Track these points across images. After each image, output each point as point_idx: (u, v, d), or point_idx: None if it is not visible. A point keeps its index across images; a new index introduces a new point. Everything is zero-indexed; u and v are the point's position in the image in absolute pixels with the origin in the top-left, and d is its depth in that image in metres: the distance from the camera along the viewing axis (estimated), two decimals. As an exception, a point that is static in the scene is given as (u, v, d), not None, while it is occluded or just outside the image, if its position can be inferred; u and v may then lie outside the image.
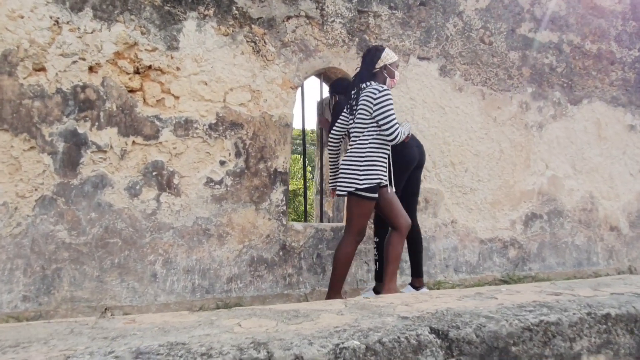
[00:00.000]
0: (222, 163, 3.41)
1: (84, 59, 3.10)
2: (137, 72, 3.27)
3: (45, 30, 3.02)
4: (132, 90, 3.25)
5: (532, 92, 4.48)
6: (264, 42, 3.56)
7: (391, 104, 2.95)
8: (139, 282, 3.14)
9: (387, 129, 2.91)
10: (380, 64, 3.14)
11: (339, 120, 3.28)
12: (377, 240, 3.42)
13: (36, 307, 2.90)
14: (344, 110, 3.26)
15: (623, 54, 4.95)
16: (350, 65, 3.80)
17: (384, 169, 3.02)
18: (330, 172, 3.42)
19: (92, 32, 3.17)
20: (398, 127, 2.92)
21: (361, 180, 2.95)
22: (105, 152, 3.16)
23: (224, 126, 3.42)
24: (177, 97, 3.34)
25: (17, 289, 2.87)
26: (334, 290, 3.03)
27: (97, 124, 3.16)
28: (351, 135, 3.13)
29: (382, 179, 2.99)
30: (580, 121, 4.70)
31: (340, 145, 3.37)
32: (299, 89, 3.70)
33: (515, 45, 4.43)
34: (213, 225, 3.36)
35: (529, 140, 4.45)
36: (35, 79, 2.98)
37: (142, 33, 3.27)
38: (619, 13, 4.94)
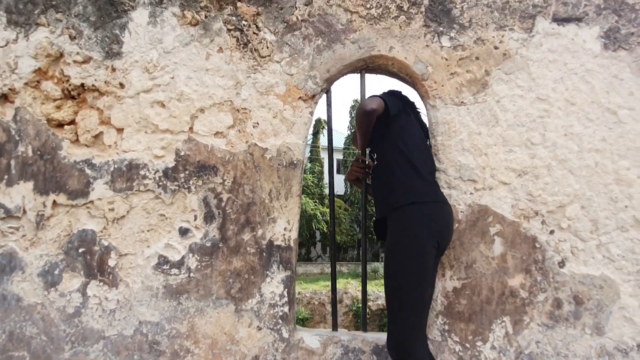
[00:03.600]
0: (184, 232, 2.08)
1: (-24, 85, 2.14)
2: (67, 95, 2.18)
3: None
4: (58, 125, 2.17)
5: None
6: (257, 27, 2.14)
7: None
8: None
9: None
10: None
11: None
12: None
13: None
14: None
15: None
16: (412, 49, 2.11)
17: None
18: None
19: (4, 46, 2.19)
20: None
21: None
22: (17, 218, 2.12)
23: (188, 171, 2.10)
24: (119, 130, 2.14)
25: None
26: None
27: (6, 177, 2.14)
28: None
29: None
30: None
31: None
32: (319, 99, 2.16)
33: None
34: (165, 337, 2.04)
35: None
36: None
37: (72, 37, 2.17)
38: None
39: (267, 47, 2.12)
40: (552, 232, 2.05)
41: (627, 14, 2.11)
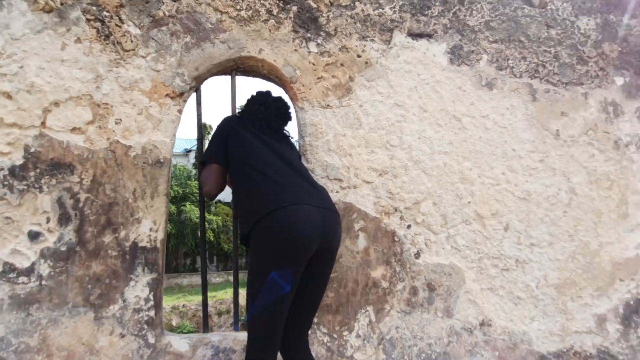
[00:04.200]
0: (35, 236, 1.89)
1: None
2: None
3: None
4: None
5: (623, 84, 2.59)
6: (120, 20, 2.04)
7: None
8: None
9: None
10: None
11: None
12: None
13: None
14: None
15: None
16: (281, 53, 2.18)
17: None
18: None
19: None
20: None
21: None
22: None
23: (40, 170, 1.92)
24: (-46, 123, 1.89)
25: None
26: None
27: None
28: None
29: None
30: None
31: None
32: (188, 97, 2.13)
33: (588, 7, 2.58)
34: (12, 352, 1.83)
35: (624, 170, 2.53)
36: None
37: None
38: None
39: (132, 41, 2.03)
40: (409, 226, 2.25)
41: (468, 34, 2.41)
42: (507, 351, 2.25)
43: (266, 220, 1.64)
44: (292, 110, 2.17)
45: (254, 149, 1.84)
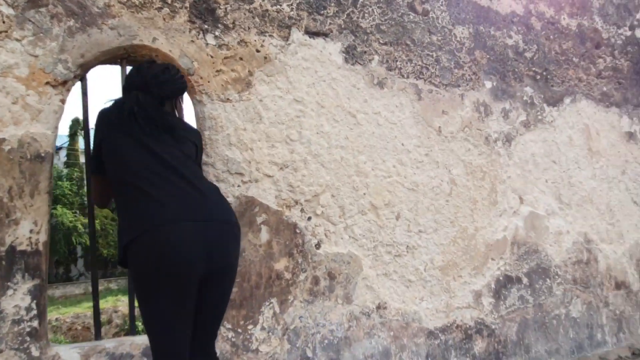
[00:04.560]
0: None
1: None
2: None
3: None
4: None
5: (492, 87, 2.93)
6: (-12, -4, 1.80)
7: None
8: None
9: None
10: None
11: None
12: None
13: None
14: None
15: (611, 33, 3.53)
16: (177, 43, 2.09)
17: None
18: None
19: None
20: None
21: None
22: None
23: None
24: None
25: None
26: None
27: None
28: None
29: None
30: (564, 129, 3.19)
31: None
32: (72, 86, 1.95)
33: (463, 18, 2.88)
34: None
35: (493, 162, 2.88)
36: None
37: None
38: (599, -23, 3.52)
39: (4, 22, 1.81)
40: (309, 218, 2.32)
41: (361, 35, 2.54)
42: (401, 330, 2.44)
43: (139, 241, 1.44)
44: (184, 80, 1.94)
45: (126, 155, 1.55)
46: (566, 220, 3.08)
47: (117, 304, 15.35)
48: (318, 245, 2.32)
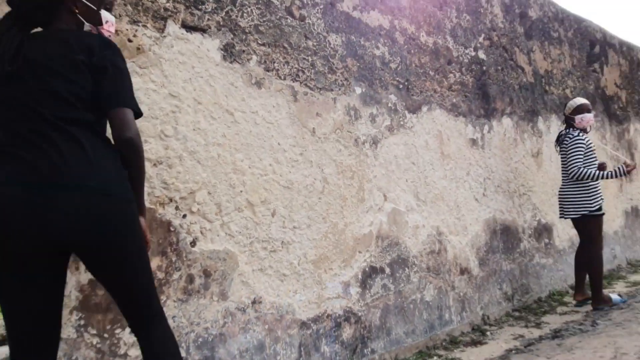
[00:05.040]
0: None
1: None
2: None
3: None
4: None
5: (361, 93, 3.17)
6: None
7: None
8: None
9: None
10: None
11: None
12: None
13: None
14: None
15: (460, 52, 4.03)
16: (37, 25, 1.91)
17: None
18: None
19: None
20: None
21: None
22: None
23: None
24: None
25: None
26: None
27: None
28: None
29: None
30: (421, 134, 3.57)
31: None
32: None
33: (336, 26, 3.07)
34: None
35: (362, 163, 3.12)
36: None
37: None
38: (452, 2, 4.00)
39: None
40: (184, 216, 2.28)
41: (239, 34, 2.57)
42: (275, 323, 2.52)
43: None
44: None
45: None
46: (422, 216, 3.46)
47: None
48: (193, 243, 2.30)
